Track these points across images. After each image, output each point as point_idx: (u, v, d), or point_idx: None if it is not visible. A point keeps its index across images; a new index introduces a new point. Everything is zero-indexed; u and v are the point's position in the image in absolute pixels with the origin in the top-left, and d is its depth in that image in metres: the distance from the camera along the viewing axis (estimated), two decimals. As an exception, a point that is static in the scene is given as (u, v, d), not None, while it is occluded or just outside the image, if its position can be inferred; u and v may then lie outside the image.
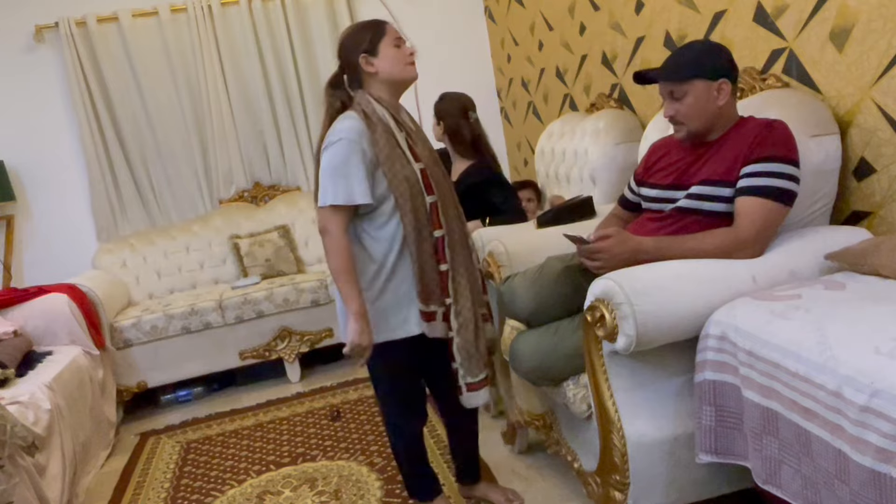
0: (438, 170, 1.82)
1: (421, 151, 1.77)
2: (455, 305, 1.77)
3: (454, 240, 1.77)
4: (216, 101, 4.05)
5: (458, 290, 1.77)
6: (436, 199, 1.75)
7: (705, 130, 1.75)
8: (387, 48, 1.74)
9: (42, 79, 3.92)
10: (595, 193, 2.80)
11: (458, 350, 1.78)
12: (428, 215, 1.74)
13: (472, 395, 1.81)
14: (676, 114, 1.74)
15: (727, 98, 1.71)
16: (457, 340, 1.78)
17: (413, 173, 1.72)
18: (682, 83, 1.70)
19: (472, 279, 1.83)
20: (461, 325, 1.77)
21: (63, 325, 3.06)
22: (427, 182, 1.75)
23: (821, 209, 1.82)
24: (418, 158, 1.75)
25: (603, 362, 1.64)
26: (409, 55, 1.76)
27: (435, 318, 1.77)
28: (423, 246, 1.72)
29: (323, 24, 4.15)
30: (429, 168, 1.77)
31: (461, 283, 1.77)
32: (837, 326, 1.24)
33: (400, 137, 1.73)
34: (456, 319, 1.77)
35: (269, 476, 2.56)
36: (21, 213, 3.98)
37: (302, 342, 3.59)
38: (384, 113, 1.73)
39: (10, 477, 1.95)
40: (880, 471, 1.05)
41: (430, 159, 1.79)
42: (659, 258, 1.65)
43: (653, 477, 1.63)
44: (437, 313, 1.77)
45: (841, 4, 1.81)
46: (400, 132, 1.74)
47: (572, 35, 3.32)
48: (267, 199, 4.23)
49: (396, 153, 1.71)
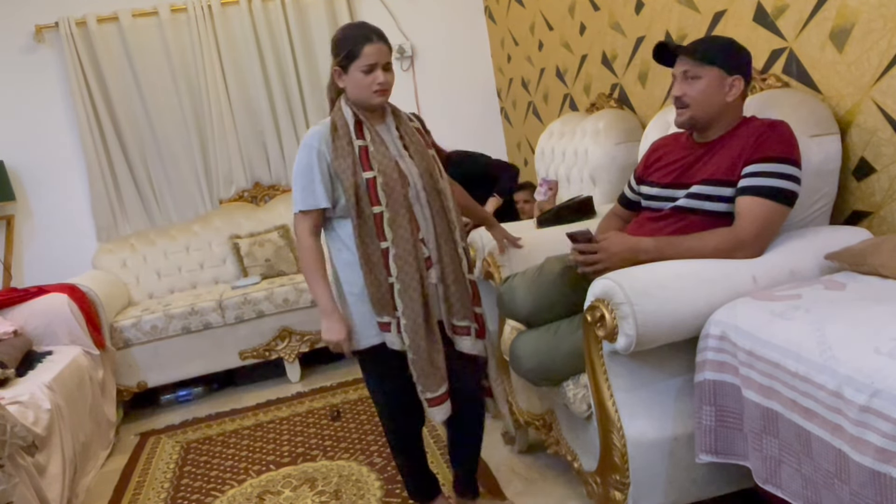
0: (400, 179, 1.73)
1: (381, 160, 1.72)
2: (403, 320, 1.71)
3: (401, 253, 1.70)
4: (216, 101, 4.05)
5: (406, 303, 1.71)
6: (381, 210, 1.70)
7: (706, 121, 1.75)
8: (355, 72, 1.71)
9: (42, 79, 3.92)
10: (595, 193, 2.80)
11: (412, 364, 1.74)
12: (373, 226, 1.71)
13: (434, 410, 1.78)
14: (684, 95, 1.74)
15: (737, 95, 1.72)
16: (409, 355, 1.73)
17: (360, 183, 1.70)
18: (701, 65, 1.71)
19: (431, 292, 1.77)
20: (412, 340, 1.72)
21: (63, 325, 3.06)
22: (373, 192, 1.70)
23: (821, 209, 1.82)
24: (369, 167, 1.71)
25: (603, 362, 1.64)
26: (378, 83, 1.71)
27: (390, 328, 1.74)
28: (368, 256, 1.72)
29: (323, 24, 4.15)
30: (384, 177, 1.71)
31: (410, 297, 1.71)
32: (837, 326, 1.24)
33: (357, 144, 1.72)
34: (406, 334, 1.72)
35: (269, 476, 2.56)
36: (21, 213, 3.98)
37: (302, 342, 3.59)
38: (351, 119, 1.73)
39: (10, 477, 1.94)
40: (880, 471, 1.05)
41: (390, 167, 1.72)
42: (659, 258, 1.65)
43: (653, 477, 1.63)
44: (391, 324, 1.74)
45: (841, 4, 1.81)
46: (358, 139, 1.72)
47: (572, 35, 3.32)
48: (267, 199, 4.23)
49: (347, 162, 1.70)
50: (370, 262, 1.72)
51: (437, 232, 1.79)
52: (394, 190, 1.71)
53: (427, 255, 1.77)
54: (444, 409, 1.79)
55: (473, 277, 1.88)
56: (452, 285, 1.80)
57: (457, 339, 1.84)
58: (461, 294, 1.81)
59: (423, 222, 1.77)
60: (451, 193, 1.84)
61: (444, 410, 1.79)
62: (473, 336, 1.84)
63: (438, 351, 1.77)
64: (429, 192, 1.78)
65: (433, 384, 1.75)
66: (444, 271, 1.79)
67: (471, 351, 1.85)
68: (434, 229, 1.79)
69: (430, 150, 1.85)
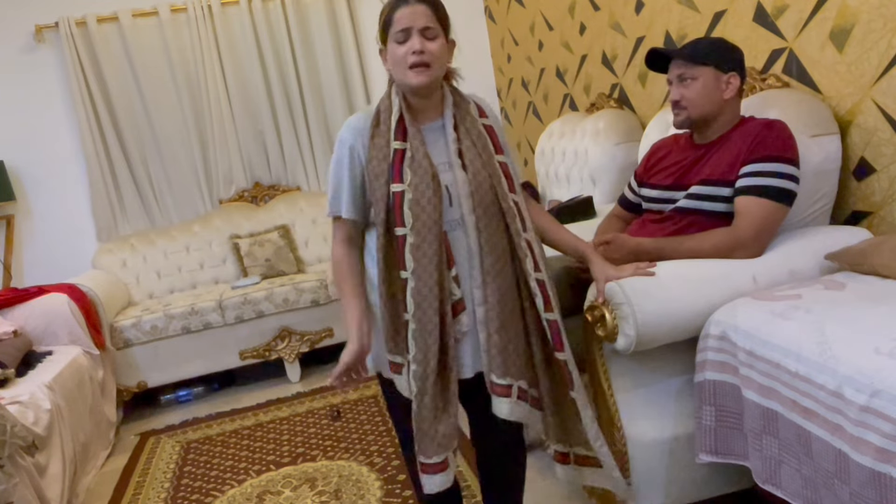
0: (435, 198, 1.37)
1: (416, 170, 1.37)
2: (413, 365, 1.38)
3: (420, 287, 1.36)
4: (216, 101, 4.05)
5: (419, 348, 1.37)
6: (405, 232, 1.37)
7: (705, 121, 1.75)
8: (391, 44, 1.38)
9: (42, 79, 3.92)
10: (595, 193, 2.80)
11: (414, 419, 1.40)
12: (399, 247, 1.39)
13: (425, 477, 1.42)
14: (682, 98, 1.74)
15: (733, 93, 1.72)
16: (413, 407, 1.40)
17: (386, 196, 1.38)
18: (695, 66, 1.71)
19: (458, 341, 1.42)
20: (418, 391, 1.38)
21: (63, 325, 3.06)
22: (398, 210, 1.37)
23: (821, 209, 1.82)
24: (399, 178, 1.37)
25: (603, 362, 1.64)
26: (412, 54, 1.35)
27: (402, 371, 1.43)
28: (390, 283, 1.41)
29: (323, 24, 4.15)
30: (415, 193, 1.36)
31: (425, 341, 1.37)
32: (837, 326, 1.24)
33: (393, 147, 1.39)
34: (414, 382, 1.39)
35: (269, 476, 2.56)
36: (21, 213, 3.98)
37: (302, 342, 3.59)
38: (396, 113, 1.40)
39: (10, 477, 1.94)
40: (880, 471, 1.05)
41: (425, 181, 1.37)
42: (659, 258, 1.65)
43: (653, 477, 1.63)
44: (403, 367, 1.43)
45: (841, 4, 1.81)
46: (396, 140, 1.39)
47: (572, 35, 3.32)
48: (267, 199, 4.23)
49: (381, 168, 1.39)
50: (391, 291, 1.41)
51: (485, 267, 1.41)
52: (423, 210, 1.36)
53: (458, 298, 1.41)
54: (436, 481, 1.42)
55: (553, 318, 1.45)
56: (496, 334, 1.41)
57: (494, 399, 1.44)
58: (507, 345, 1.42)
59: (464, 254, 1.42)
60: (525, 215, 1.46)
61: (436, 482, 1.42)
62: (515, 397, 1.43)
63: (447, 414, 1.41)
64: (483, 213, 1.40)
65: (428, 449, 1.40)
66: (489, 315, 1.41)
67: (510, 417, 1.44)
68: (480, 263, 1.41)
69: (499, 157, 1.45)
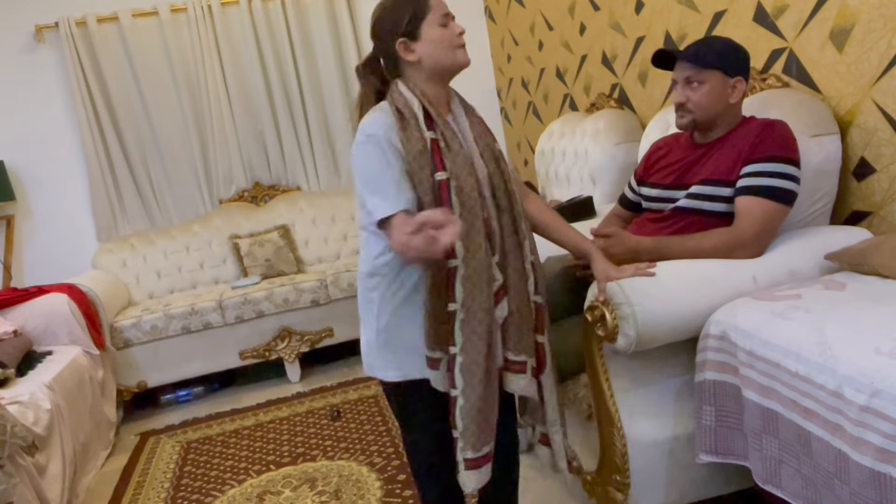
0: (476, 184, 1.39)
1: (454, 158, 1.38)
2: (461, 357, 1.35)
3: (471, 274, 1.34)
4: (216, 101, 4.05)
5: (468, 337, 1.35)
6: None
7: (709, 124, 1.75)
8: (431, 29, 1.40)
9: (42, 79, 3.92)
10: (595, 193, 2.80)
11: (462, 414, 1.36)
12: None
13: (469, 474, 1.38)
14: (688, 101, 1.73)
15: (739, 97, 1.72)
16: (460, 402, 1.36)
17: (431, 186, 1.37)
18: (704, 70, 1.70)
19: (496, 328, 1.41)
20: (466, 384, 1.35)
21: (63, 325, 3.06)
22: (446, 198, 1.35)
23: (821, 209, 1.82)
24: (442, 167, 1.37)
25: (603, 362, 1.64)
26: (459, 35, 1.42)
27: (438, 366, 1.40)
28: (432, 274, 1.37)
29: (323, 24, 4.15)
30: (458, 180, 1.37)
31: (474, 330, 1.35)
32: (837, 326, 1.24)
33: (428, 137, 1.38)
34: (461, 375, 1.35)
35: (269, 476, 2.56)
36: (21, 213, 3.97)
37: (302, 342, 3.59)
38: (420, 108, 1.40)
39: (10, 477, 1.95)
40: (880, 471, 1.05)
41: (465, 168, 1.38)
42: (658, 258, 1.64)
43: (653, 477, 1.63)
44: (440, 361, 1.39)
45: (841, 4, 1.81)
46: (428, 130, 1.39)
47: (572, 35, 3.32)
48: (267, 198, 4.23)
49: (424, 158, 1.37)
50: (436, 280, 1.37)
51: (507, 247, 1.43)
52: (469, 196, 1.36)
53: (501, 283, 1.42)
54: (482, 474, 1.40)
55: (541, 301, 1.49)
56: (516, 312, 1.43)
57: (508, 377, 1.45)
58: (522, 321, 1.44)
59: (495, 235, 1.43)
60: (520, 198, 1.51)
61: (482, 475, 1.40)
62: (529, 374, 1.45)
63: (496, 401, 1.41)
64: (499, 196, 1.44)
65: (480, 441, 1.38)
66: (510, 294, 1.43)
67: (523, 392, 1.47)
68: (501, 244, 1.43)
69: (496, 144, 1.52)
